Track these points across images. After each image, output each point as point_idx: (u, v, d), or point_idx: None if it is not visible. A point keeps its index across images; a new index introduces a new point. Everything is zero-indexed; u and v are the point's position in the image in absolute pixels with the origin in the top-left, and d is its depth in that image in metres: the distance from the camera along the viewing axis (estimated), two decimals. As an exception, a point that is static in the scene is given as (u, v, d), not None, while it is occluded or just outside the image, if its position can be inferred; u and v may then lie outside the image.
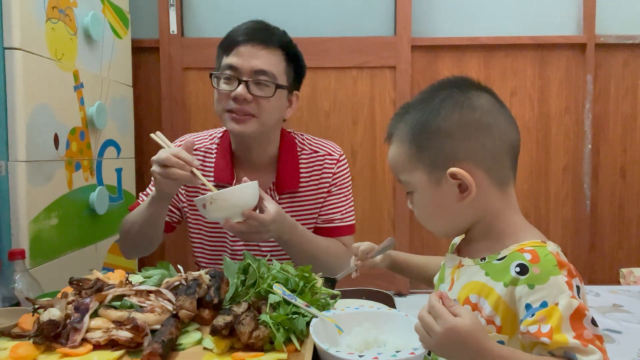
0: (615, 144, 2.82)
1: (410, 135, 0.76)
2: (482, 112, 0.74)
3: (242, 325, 0.82)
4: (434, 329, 0.68)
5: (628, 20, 2.76)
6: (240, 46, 1.29)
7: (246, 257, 1.04)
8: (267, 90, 1.29)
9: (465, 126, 0.73)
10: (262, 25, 1.34)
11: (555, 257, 0.70)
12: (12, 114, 1.62)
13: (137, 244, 1.38)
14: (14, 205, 1.64)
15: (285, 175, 1.39)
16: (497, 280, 0.72)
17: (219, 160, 1.40)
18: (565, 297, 0.67)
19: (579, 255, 2.81)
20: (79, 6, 1.99)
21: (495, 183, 0.75)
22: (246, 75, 1.28)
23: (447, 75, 0.82)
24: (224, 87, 1.29)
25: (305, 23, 2.80)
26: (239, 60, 1.28)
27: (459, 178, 0.73)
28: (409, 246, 2.78)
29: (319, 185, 1.42)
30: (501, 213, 0.77)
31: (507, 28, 2.79)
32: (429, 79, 2.78)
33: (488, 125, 0.74)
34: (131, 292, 0.94)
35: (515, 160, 0.78)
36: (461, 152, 0.73)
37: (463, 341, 0.66)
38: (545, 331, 0.66)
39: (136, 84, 2.65)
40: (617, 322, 1.57)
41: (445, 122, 0.74)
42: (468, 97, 0.75)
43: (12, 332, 0.88)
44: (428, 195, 0.77)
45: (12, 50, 1.61)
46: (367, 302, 1.02)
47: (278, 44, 1.31)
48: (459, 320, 0.67)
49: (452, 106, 0.74)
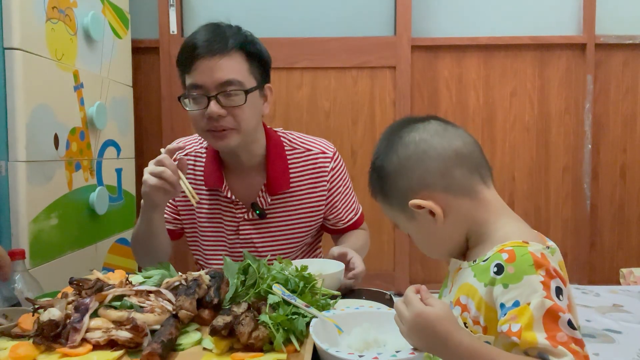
0: (615, 144, 2.82)
1: (378, 186, 0.84)
2: (414, 144, 0.80)
3: (241, 326, 0.82)
4: (404, 315, 0.72)
5: (628, 20, 2.76)
6: (198, 61, 1.23)
7: (246, 257, 1.04)
8: (238, 99, 1.25)
9: (405, 162, 0.80)
10: (214, 31, 1.27)
11: (534, 256, 0.69)
12: (12, 114, 1.62)
13: (147, 256, 1.37)
14: (14, 205, 1.64)
15: (275, 177, 1.37)
16: (480, 281, 0.73)
17: (208, 164, 1.40)
18: (537, 297, 0.67)
19: (579, 255, 2.81)
20: (79, 6, 1.99)
21: (460, 195, 0.78)
22: (213, 90, 1.23)
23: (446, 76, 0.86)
24: (195, 108, 1.26)
25: (305, 23, 2.80)
26: (201, 77, 1.23)
27: (424, 206, 0.77)
28: (409, 246, 2.78)
29: (314, 184, 1.42)
30: (484, 219, 0.79)
31: (507, 28, 2.78)
32: (429, 79, 2.78)
33: (423, 152, 0.79)
34: (131, 292, 0.94)
35: (473, 165, 0.79)
36: (413, 185, 0.79)
37: (431, 328, 0.68)
38: (515, 330, 0.66)
39: (136, 84, 2.65)
40: (617, 322, 1.57)
41: (389, 165, 0.81)
42: (400, 137, 0.81)
43: (12, 332, 0.88)
44: (414, 230, 0.83)
45: (12, 50, 1.61)
46: (367, 302, 1.02)
47: (235, 47, 1.25)
48: (429, 308, 0.70)
49: (390, 150, 0.82)
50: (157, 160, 1.21)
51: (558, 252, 0.76)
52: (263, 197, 1.39)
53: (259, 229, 1.41)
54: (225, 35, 1.26)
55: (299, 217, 1.42)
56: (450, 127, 0.82)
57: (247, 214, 1.40)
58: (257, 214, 1.39)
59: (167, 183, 1.19)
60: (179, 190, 1.23)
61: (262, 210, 1.39)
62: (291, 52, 2.72)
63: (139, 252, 1.39)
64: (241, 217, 1.40)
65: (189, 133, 1.53)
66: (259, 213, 1.39)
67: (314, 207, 1.43)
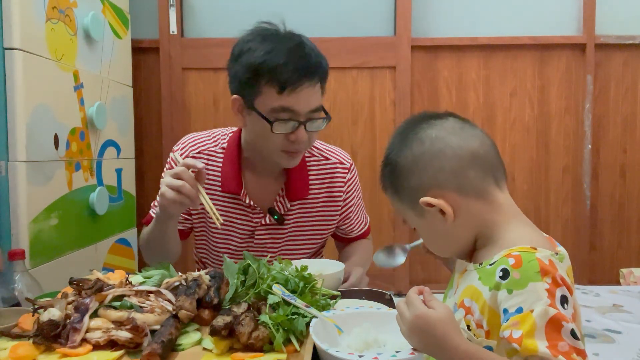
0: (615, 144, 2.82)
1: (389, 181, 0.84)
2: (430, 141, 0.79)
3: (241, 326, 0.82)
4: (405, 316, 0.72)
5: (628, 20, 2.76)
6: (297, 87, 1.20)
7: (246, 257, 1.04)
8: (321, 125, 1.26)
9: (419, 159, 0.79)
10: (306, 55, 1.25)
11: (541, 263, 0.68)
12: (12, 114, 1.62)
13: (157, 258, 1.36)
14: (14, 205, 1.64)
15: (295, 183, 1.37)
16: (485, 285, 0.73)
17: (226, 167, 1.36)
18: (541, 304, 0.66)
19: (579, 255, 2.80)
20: (79, 6, 1.99)
21: (472, 196, 0.77)
22: (303, 116, 1.23)
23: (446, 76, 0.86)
24: (282, 131, 1.23)
25: (305, 23, 2.78)
26: (297, 102, 1.21)
27: (434, 205, 0.77)
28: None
29: (331, 193, 1.42)
30: (494, 221, 0.78)
31: (507, 28, 2.78)
32: (429, 79, 2.78)
33: (439, 150, 0.78)
34: (131, 293, 0.94)
35: (487, 166, 0.79)
36: (425, 182, 0.78)
37: (430, 331, 0.69)
38: (517, 337, 0.65)
39: (136, 84, 2.65)
40: (617, 322, 1.57)
41: (403, 161, 0.80)
42: (416, 133, 0.81)
43: (12, 332, 0.88)
44: (423, 227, 0.83)
45: (12, 50, 1.61)
46: (367, 302, 1.02)
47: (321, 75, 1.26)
48: (430, 310, 0.70)
49: (404, 146, 0.81)
50: (175, 173, 1.15)
51: (567, 258, 0.75)
52: (281, 203, 1.37)
53: (274, 235, 1.40)
54: (315, 62, 1.26)
55: (315, 225, 1.42)
56: (467, 126, 0.81)
57: (264, 219, 1.38)
58: (275, 219, 1.37)
59: (186, 197, 1.14)
60: (197, 204, 1.18)
61: (281, 216, 1.37)
62: (291, 52, 2.72)
63: (149, 255, 1.38)
64: (258, 222, 1.38)
65: (189, 133, 1.52)
66: (277, 218, 1.37)
67: (329, 216, 1.43)
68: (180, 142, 1.44)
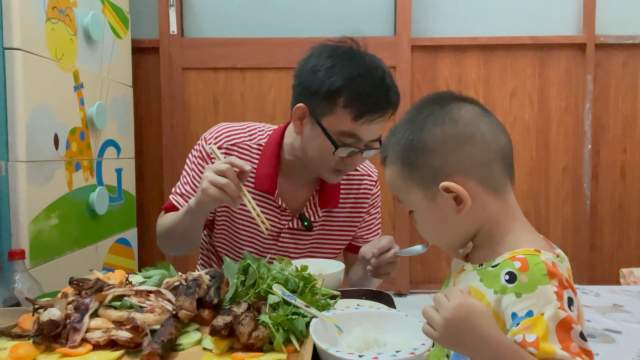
0: (615, 144, 2.82)
1: (401, 156, 0.78)
2: (463, 123, 0.75)
3: (241, 326, 0.82)
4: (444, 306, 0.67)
5: (628, 20, 2.76)
6: (374, 119, 1.18)
7: (246, 257, 1.04)
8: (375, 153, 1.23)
9: (449, 140, 0.74)
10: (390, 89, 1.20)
11: (547, 266, 0.68)
12: (12, 114, 1.62)
13: (177, 248, 1.35)
14: (14, 205, 1.64)
15: (328, 192, 1.36)
16: (489, 287, 0.72)
17: (262, 165, 1.32)
18: (551, 307, 0.65)
19: (579, 255, 2.81)
20: (79, 6, 1.99)
21: (490, 191, 0.75)
22: (365, 144, 1.22)
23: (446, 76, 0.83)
24: (342, 154, 1.21)
25: (305, 23, 2.80)
26: (367, 134, 1.20)
27: (453, 191, 0.73)
28: (409, 246, 2.77)
29: (357, 204, 1.41)
30: (500, 221, 0.76)
31: (507, 28, 2.79)
32: (429, 79, 2.78)
33: (471, 136, 0.75)
34: (131, 292, 0.94)
35: (508, 165, 0.77)
36: (450, 166, 0.74)
37: (474, 320, 0.65)
38: (531, 340, 0.64)
39: (136, 84, 2.65)
40: (617, 322, 1.57)
41: (429, 139, 0.75)
42: (448, 112, 0.76)
43: (12, 332, 0.88)
44: (427, 212, 0.78)
45: (12, 50, 1.61)
46: (367, 302, 1.02)
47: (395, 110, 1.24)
48: (471, 298, 0.67)
49: (433, 123, 0.75)
50: (220, 170, 1.11)
51: (567, 261, 0.74)
52: (312, 209, 1.36)
53: (299, 240, 1.38)
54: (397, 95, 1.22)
55: (340, 234, 1.41)
56: (494, 119, 0.79)
57: (291, 222, 1.36)
58: (304, 225, 1.36)
59: (228, 196, 1.11)
60: (237, 205, 1.16)
61: (310, 222, 1.36)
62: (291, 52, 2.72)
63: (169, 244, 1.35)
64: (285, 224, 1.36)
65: (189, 133, 1.52)
66: (306, 225, 1.36)
67: (352, 227, 1.42)
68: (213, 131, 1.37)
